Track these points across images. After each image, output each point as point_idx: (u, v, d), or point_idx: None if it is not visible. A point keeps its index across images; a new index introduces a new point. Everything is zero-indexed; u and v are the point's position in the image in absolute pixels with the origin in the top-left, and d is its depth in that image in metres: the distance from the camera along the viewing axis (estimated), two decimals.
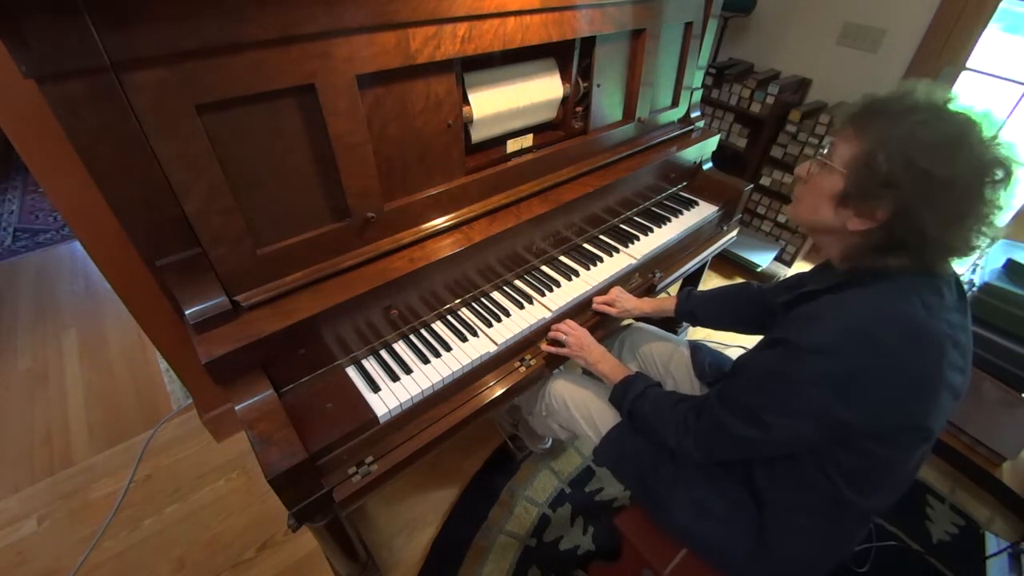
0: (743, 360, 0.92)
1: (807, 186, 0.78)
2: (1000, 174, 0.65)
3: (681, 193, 1.68)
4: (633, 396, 0.98)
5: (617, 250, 1.40)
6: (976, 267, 1.73)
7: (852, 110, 0.73)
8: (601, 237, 1.45)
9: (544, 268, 1.32)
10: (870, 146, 0.68)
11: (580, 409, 1.12)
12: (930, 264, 0.70)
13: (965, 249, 0.69)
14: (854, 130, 0.71)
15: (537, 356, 1.16)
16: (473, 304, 1.18)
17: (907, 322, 0.67)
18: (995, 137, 0.65)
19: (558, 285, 1.26)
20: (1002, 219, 0.68)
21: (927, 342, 0.67)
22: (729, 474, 0.90)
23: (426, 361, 1.03)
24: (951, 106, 0.67)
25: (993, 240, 0.70)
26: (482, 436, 1.64)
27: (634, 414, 0.98)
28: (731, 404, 0.81)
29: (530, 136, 1.22)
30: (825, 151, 0.75)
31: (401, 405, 0.95)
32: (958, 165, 0.63)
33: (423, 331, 1.11)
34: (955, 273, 0.76)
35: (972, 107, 0.68)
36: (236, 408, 0.81)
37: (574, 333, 1.13)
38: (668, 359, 1.27)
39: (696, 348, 1.23)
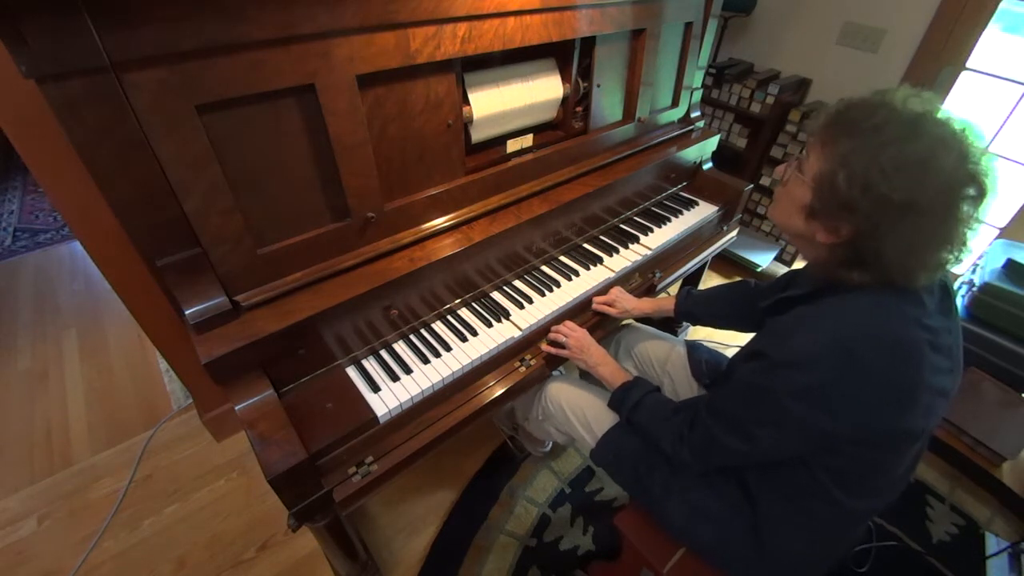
0: (733, 363, 0.92)
1: (783, 189, 0.78)
2: (973, 191, 0.62)
3: (681, 193, 1.68)
4: (631, 404, 0.98)
5: (617, 250, 1.40)
6: (976, 267, 1.73)
7: (825, 118, 0.70)
8: (601, 237, 1.45)
9: (544, 268, 1.32)
10: (834, 165, 0.66)
11: (576, 412, 1.12)
12: (895, 281, 0.68)
13: (933, 268, 0.67)
14: (822, 142, 0.69)
15: (537, 356, 1.16)
16: (473, 304, 1.18)
17: (880, 333, 0.66)
18: (974, 153, 0.62)
19: (558, 285, 1.26)
20: (974, 236, 0.66)
21: (902, 351, 0.66)
22: (724, 476, 0.90)
23: (426, 361, 1.03)
24: (927, 121, 0.62)
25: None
26: (482, 436, 1.64)
27: (632, 422, 0.99)
28: (718, 415, 0.82)
29: (530, 136, 1.22)
30: (803, 154, 0.74)
31: (401, 405, 0.95)
32: (921, 189, 0.61)
33: (423, 331, 1.11)
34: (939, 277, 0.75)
35: (953, 117, 0.63)
36: (236, 408, 0.81)
37: (574, 335, 1.13)
38: (665, 359, 1.27)
39: (693, 348, 1.23)
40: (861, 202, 0.64)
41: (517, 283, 1.26)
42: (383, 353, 1.05)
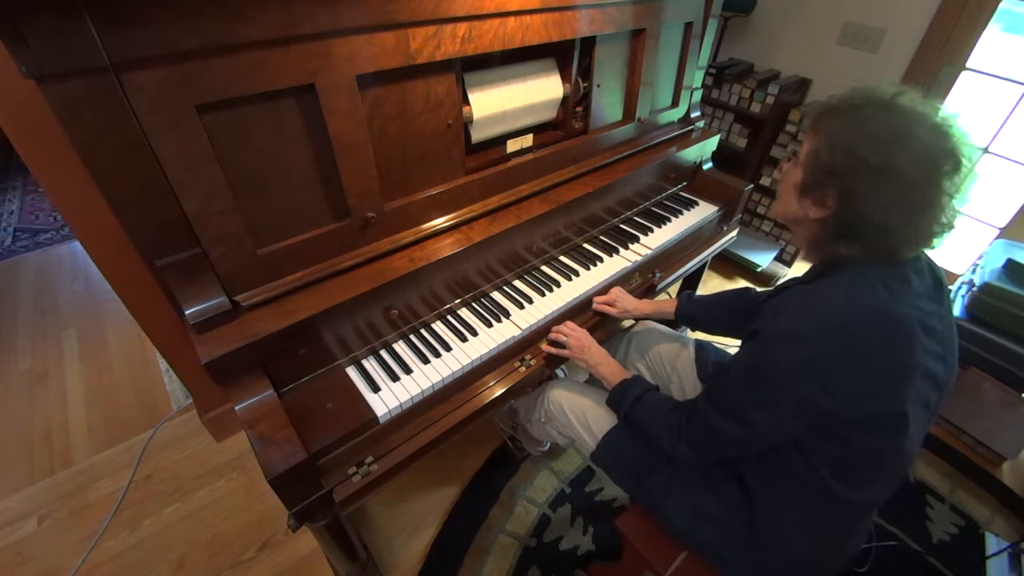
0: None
1: (782, 181, 0.84)
2: (950, 164, 0.66)
3: (681, 193, 1.68)
4: (630, 401, 0.98)
5: (617, 250, 1.40)
6: (976, 267, 1.73)
7: (814, 112, 0.77)
8: (601, 237, 1.45)
9: (544, 268, 1.32)
10: (820, 140, 0.73)
11: (577, 415, 1.13)
12: (884, 252, 0.72)
13: (919, 238, 0.71)
14: (812, 128, 0.77)
15: (537, 356, 1.16)
16: (473, 304, 1.18)
17: (870, 306, 0.70)
18: (947, 128, 0.67)
19: (558, 285, 1.26)
20: (959, 208, 0.70)
21: (892, 324, 0.69)
22: (722, 474, 0.90)
23: (426, 361, 1.03)
24: (902, 99, 0.69)
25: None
26: (482, 436, 1.64)
27: (631, 419, 0.99)
28: (716, 403, 0.83)
29: (530, 136, 1.22)
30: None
31: (401, 405, 0.95)
32: (899, 154, 0.66)
33: (423, 331, 1.11)
34: (929, 261, 0.79)
35: (923, 101, 0.69)
36: (236, 408, 0.81)
37: (575, 334, 1.13)
38: (675, 358, 1.27)
39: (701, 347, 1.23)
40: (843, 166, 0.70)
41: (517, 283, 1.26)
42: (383, 353, 1.05)
